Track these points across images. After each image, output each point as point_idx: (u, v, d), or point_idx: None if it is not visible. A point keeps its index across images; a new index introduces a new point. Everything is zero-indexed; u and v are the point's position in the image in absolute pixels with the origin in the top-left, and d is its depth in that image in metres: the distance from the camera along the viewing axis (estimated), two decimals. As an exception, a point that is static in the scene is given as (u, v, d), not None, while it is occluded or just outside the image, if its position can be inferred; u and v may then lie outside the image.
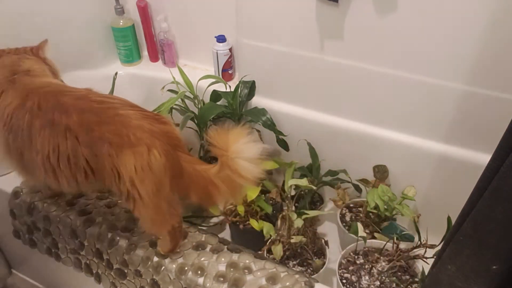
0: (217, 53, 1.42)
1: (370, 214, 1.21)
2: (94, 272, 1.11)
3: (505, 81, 1.02)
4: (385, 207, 1.16)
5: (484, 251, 0.55)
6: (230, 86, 1.37)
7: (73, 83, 0.97)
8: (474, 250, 0.56)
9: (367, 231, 1.18)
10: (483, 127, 1.10)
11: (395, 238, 1.06)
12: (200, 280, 0.92)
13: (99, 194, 1.15)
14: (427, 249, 1.02)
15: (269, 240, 1.10)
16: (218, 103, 1.36)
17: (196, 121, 1.31)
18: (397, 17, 1.05)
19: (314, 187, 1.20)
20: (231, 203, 1.22)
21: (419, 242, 1.04)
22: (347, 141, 1.30)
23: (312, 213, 1.12)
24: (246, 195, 1.16)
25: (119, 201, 1.12)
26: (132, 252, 1.00)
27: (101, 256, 1.06)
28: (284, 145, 1.35)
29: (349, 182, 1.29)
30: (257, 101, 1.38)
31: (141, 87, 1.59)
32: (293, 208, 1.15)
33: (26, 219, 1.16)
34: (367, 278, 1.04)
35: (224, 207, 1.24)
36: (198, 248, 1.00)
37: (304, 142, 1.31)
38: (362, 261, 1.08)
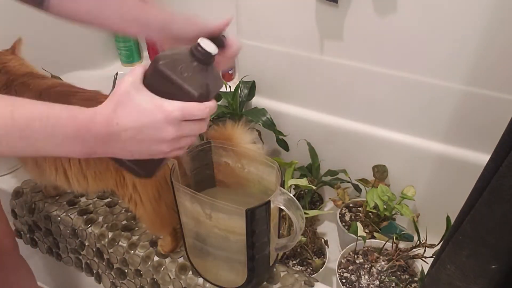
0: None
1: (370, 214, 1.21)
2: (95, 272, 1.12)
3: (505, 82, 1.02)
4: (385, 207, 1.16)
5: (483, 251, 0.55)
6: (230, 86, 1.37)
7: (73, 83, 0.97)
8: (473, 250, 0.56)
9: (367, 231, 1.18)
10: (483, 127, 1.10)
11: (395, 238, 1.06)
12: (200, 280, 0.93)
13: (100, 194, 1.15)
14: (427, 249, 1.02)
15: (269, 240, 1.11)
16: (218, 103, 1.36)
17: (196, 121, 1.31)
18: (397, 17, 1.05)
19: (314, 187, 1.20)
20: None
21: (419, 242, 1.04)
22: (347, 141, 1.30)
23: (312, 213, 1.12)
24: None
25: (120, 201, 1.12)
26: (132, 252, 1.00)
27: (102, 256, 1.06)
28: (284, 145, 1.35)
29: (349, 182, 1.29)
30: (257, 101, 1.38)
31: (141, 87, 1.59)
32: (293, 208, 1.15)
33: (27, 219, 1.17)
34: (367, 278, 1.04)
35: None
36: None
37: (304, 142, 1.31)
38: (362, 261, 1.08)
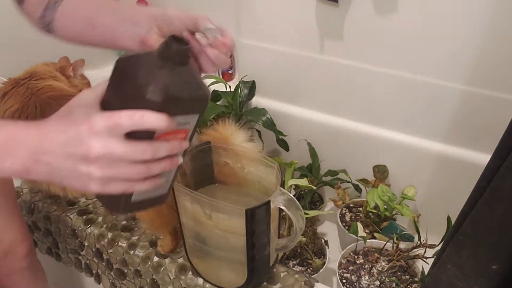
0: (217, 53, 1.42)
1: (370, 214, 1.21)
2: (94, 272, 1.12)
3: (505, 82, 1.02)
4: (385, 207, 1.16)
5: (484, 251, 0.55)
6: (230, 86, 1.37)
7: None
8: (474, 250, 0.56)
9: (367, 231, 1.18)
10: (483, 127, 1.10)
11: (395, 238, 1.06)
12: (200, 281, 0.92)
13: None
14: (427, 249, 1.02)
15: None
16: (218, 103, 1.36)
17: (196, 121, 1.31)
18: (397, 17, 1.05)
19: (314, 187, 1.20)
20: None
21: (419, 242, 1.04)
22: (347, 141, 1.30)
23: (312, 213, 1.12)
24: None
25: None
26: (132, 252, 1.00)
27: (101, 256, 1.06)
28: (284, 145, 1.35)
29: (349, 182, 1.29)
30: (257, 101, 1.38)
31: (141, 87, 1.59)
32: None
33: (27, 219, 1.16)
34: (367, 278, 1.04)
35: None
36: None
37: (304, 142, 1.31)
38: (362, 261, 1.08)
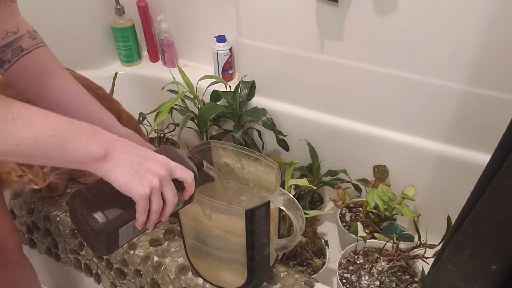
0: (217, 53, 1.42)
1: (370, 214, 1.21)
2: (94, 272, 1.12)
3: (505, 81, 1.02)
4: (385, 207, 1.16)
5: (484, 251, 0.55)
6: (230, 86, 1.37)
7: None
8: (474, 250, 0.56)
9: (367, 231, 1.18)
10: (483, 127, 1.10)
11: (395, 238, 1.06)
12: (200, 281, 0.92)
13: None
14: (427, 249, 1.02)
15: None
16: (218, 103, 1.36)
17: (196, 121, 1.31)
18: (397, 17, 1.05)
19: (314, 187, 1.20)
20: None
21: (419, 242, 1.04)
22: (347, 141, 1.30)
23: (312, 213, 1.12)
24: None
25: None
26: (132, 252, 1.00)
27: (101, 256, 1.06)
28: (284, 145, 1.35)
29: (349, 182, 1.29)
30: (257, 101, 1.38)
31: (141, 87, 1.59)
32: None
33: (26, 219, 1.16)
34: (367, 278, 1.04)
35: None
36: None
37: (304, 142, 1.31)
38: (362, 261, 1.08)
